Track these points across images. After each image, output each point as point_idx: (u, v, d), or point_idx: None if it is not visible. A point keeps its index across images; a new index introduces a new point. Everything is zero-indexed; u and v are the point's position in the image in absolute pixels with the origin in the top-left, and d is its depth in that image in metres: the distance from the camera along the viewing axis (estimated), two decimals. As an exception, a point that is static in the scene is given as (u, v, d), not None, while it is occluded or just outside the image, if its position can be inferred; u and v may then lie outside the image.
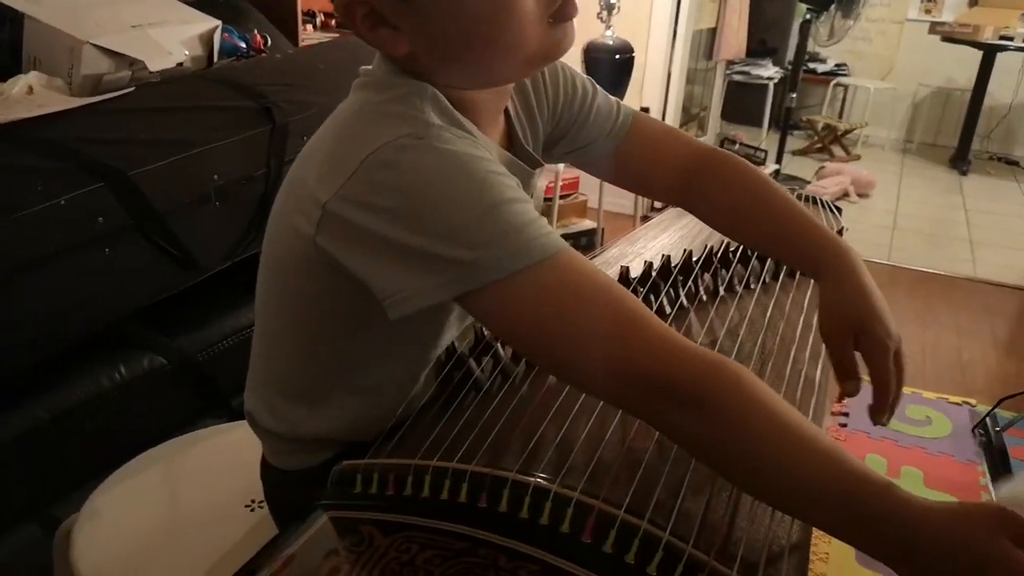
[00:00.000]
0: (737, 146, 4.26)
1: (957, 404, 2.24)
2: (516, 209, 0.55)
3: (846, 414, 2.17)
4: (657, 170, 0.84)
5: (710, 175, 0.82)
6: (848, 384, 0.69)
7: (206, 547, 0.89)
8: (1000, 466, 0.84)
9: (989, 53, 4.75)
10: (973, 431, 0.92)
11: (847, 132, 5.20)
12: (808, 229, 0.76)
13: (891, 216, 4.03)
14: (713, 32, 4.11)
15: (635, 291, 0.89)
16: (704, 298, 0.94)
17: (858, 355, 0.70)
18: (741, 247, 1.04)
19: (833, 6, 3.93)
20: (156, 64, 1.56)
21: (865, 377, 0.70)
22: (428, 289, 0.54)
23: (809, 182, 4.23)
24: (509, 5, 0.56)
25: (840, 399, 0.70)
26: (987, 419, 0.91)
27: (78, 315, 1.18)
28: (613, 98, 0.84)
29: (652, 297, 0.90)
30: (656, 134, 0.85)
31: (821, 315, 0.72)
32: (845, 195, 4.19)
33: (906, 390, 1.85)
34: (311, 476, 0.75)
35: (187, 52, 1.68)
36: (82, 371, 1.20)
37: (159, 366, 1.28)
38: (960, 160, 4.99)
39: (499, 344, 0.77)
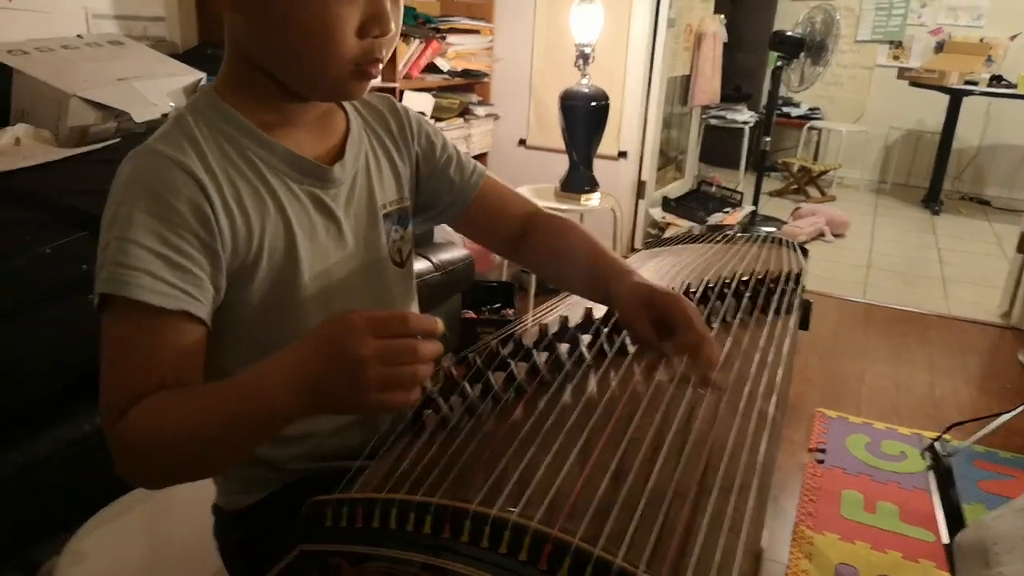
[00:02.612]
0: (714, 188, 4.35)
1: (931, 439, 2.28)
2: (135, 252, 0.64)
3: (823, 450, 2.20)
4: (501, 222, 0.95)
5: (539, 229, 0.94)
6: (652, 353, 0.79)
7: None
8: (946, 485, 0.88)
9: (955, 97, 4.91)
10: (923, 454, 0.95)
11: (822, 173, 5.32)
12: (598, 258, 0.88)
13: (866, 255, 4.12)
14: (687, 79, 4.24)
15: (597, 330, 0.93)
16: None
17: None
18: (715, 285, 1.09)
19: (803, 54, 4.06)
20: (141, 115, 1.61)
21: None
22: (95, 287, 0.66)
23: (785, 222, 4.32)
24: (326, 42, 0.67)
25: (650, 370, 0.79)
26: (935, 444, 0.95)
27: (62, 360, 1.20)
28: (470, 159, 0.95)
29: (615, 335, 0.94)
30: (504, 191, 0.96)
31: (618, 308, 0.83)
32: (821, 235, 4.28)
33: (881, 426, 1.88)
34: (249, 514, 0.81)
35: (172, 103, 1.73)
36: (63, 415, 1.22)
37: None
38: (932, 200, 5.11)
39: (466, 383, 0.80)
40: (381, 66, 0.73)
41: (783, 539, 1.73)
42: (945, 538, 0.80)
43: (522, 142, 3.60)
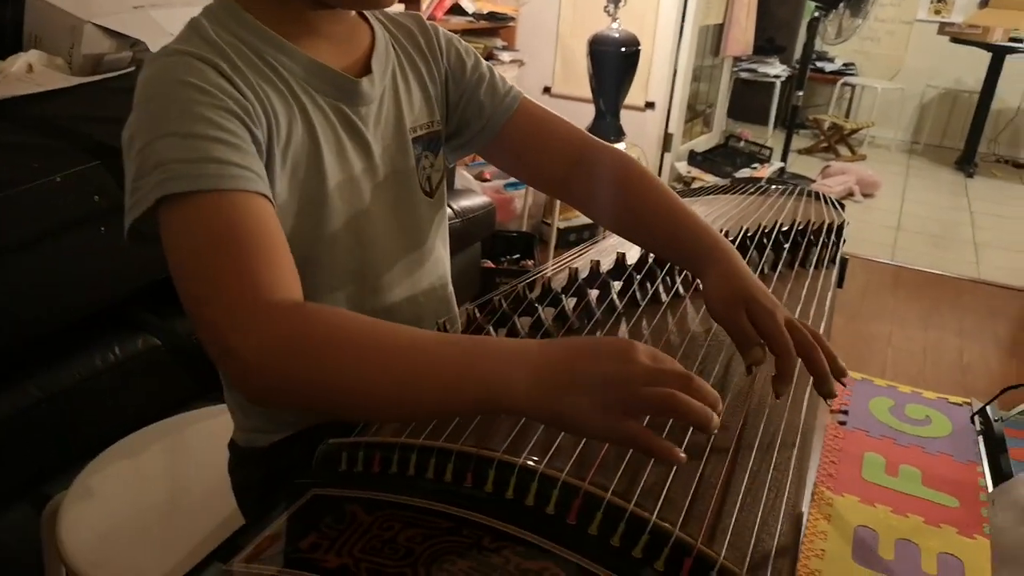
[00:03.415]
0: (742, 143, 4.24)
1: (957, 404, 2.23)
2: (190, 144, 0.57)
3: (845, 411, 2.16)
4: (542, 154, 0.84)
5: (600, 167, 0.83)
6: (751, 353, 0.68)
7: (191, 527, 0.89)
8: (998, 455, 0.83)
9: (998, 55, 4.73)
10: (972, 418, 0.91)
11: (853, 132, 5.18)
12: (692, 226, 0.78)
13: (896, 216, 4.02)
14: (720, 28, 4.09)
15: (630, 277, 0.88)
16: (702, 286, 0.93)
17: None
18: (754, 234, 1.04)
19: (841, 4, 3.90)
20: (157, 44, 1.55)
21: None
22: (131, 204, 0.58)
23: (814, 180, 4.22)
24: None
25: (748, 371, 0.69)
26: (987, 408, 0.90)
27: (73, 294, 1.17)
28: (508, 81, 0.85)
29: (648, 284, 0.89)
30: (544, 117, 0.85)
31: (709, 299, 0.72)
32: (850, 195, 4.17)
33: (906, 389, 1.84)
34: (271, 453, 0.77)
35: (189, 34, 1.67)
36: (76, 350, 1.20)
37: (153, 347, 1.27)
38: (966, 162, 4.97)
39: (490, 327, 0.76)
40: None
41: (803, 499, 1.70)
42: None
43: (547, 90, 3.51)
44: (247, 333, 0.52)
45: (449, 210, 2.06)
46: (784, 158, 4.16)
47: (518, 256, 2.70)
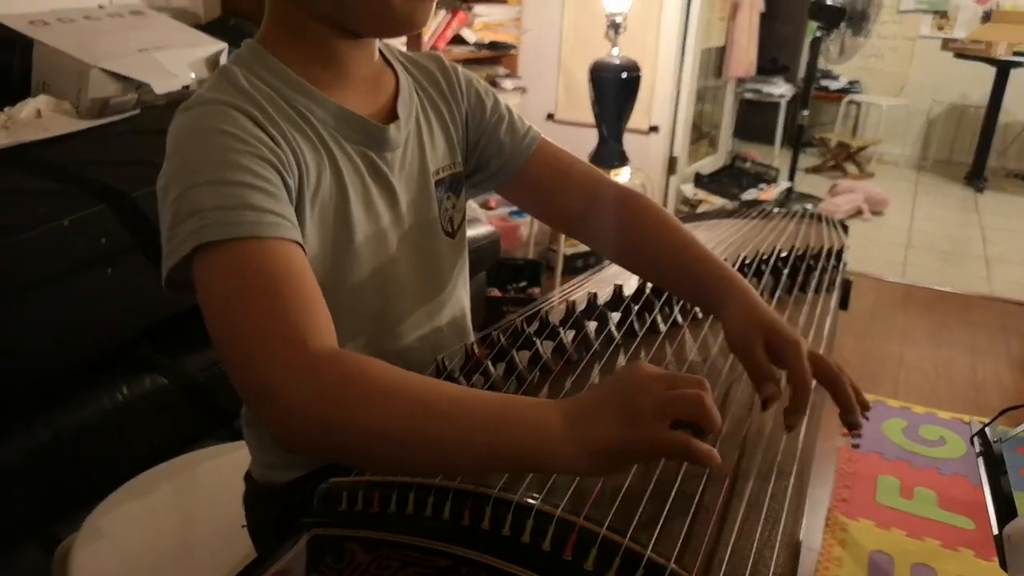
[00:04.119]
0: (748, 164, 4.25)
1: (976, 423, 2.20)
2: (226, 191, 0.57)
3: (859, 435, 2.14)
4: (560, 194, 0.85)
5: (613, 206, 0.84)
6: (766, 388, 0.67)
7: (203, 566, 0.89)
8: (997, 474, 0.82)
9: (1003, 69, 4.73)
10: (972, 440, 0.90)
11: (860, 149, 5.18)
12: (704, 261, 0.78)
13: (905, 233, 4.00)
14: (722, 50, 4.13)
15: (627, 308, 0.89)
16: (700, 315, 0.94)
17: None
18: (752, 261, 1.04)
19: (843, 24, 3.93)
20: (162, 87, 1.59)
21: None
22: (167, 252, 0.58)
23: (822, 199, 4.22)
24: None
25: (764, 407, 0.67)
26: (986, 429, 0.89)
27: (82, 334, 1.19)
28: (525, 120, 0.87)
29: (646, 314, 0.90)
30: (561, 157, 0.86)
31: (728, 332, 0.72)
32: (858, 212, 4.17)
33: (920, 410, 1.81)
34: (287, 491, 0.77)
35: (193, 74, 1.71)
36: (85, 390, 1.21)
37: (161, 386, 1.28)
38: (976, 177, 4.95)
39: (489, 362, 0.77)
40: None
41: (816, 525, 1.68)
42: (995, 528, 0.75)
43: (550, 116, 3.54)
44: (287, 379, 0.52)
45: (454, 240, 2.08)
46: (791, 177, 4.16)
47: (525, 284, 2.71)
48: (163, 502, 1.02)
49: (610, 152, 2.84)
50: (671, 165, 3.55)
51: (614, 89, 2.71)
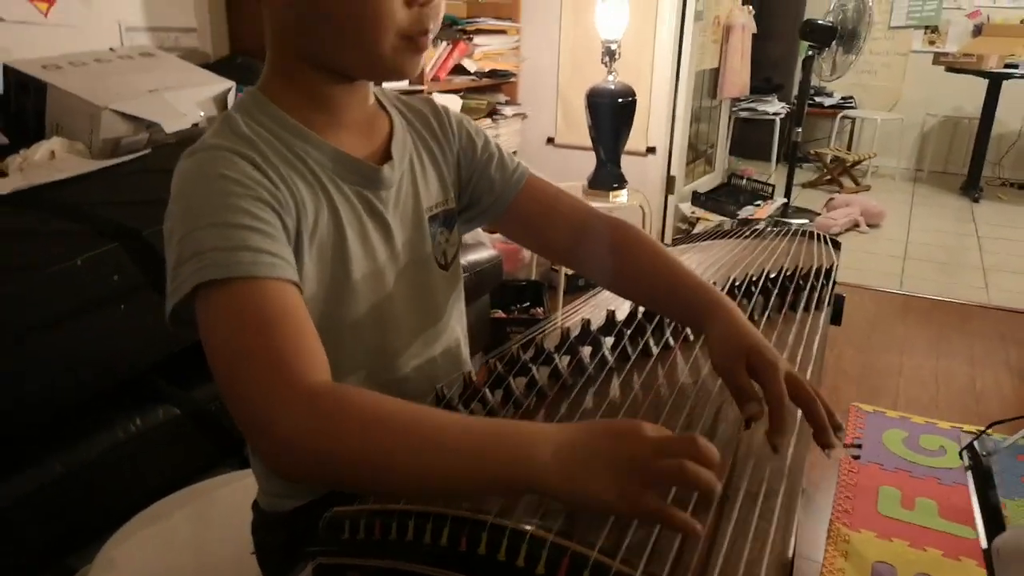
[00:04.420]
0: (744, 181, 4.29)
1: (972, 433, 2.22)
2: (226, 233, 0.61)
3: (859, 445, 2.16)
4: (549, 226, 0.90)
5: (602, 235, 0.88)
6: (749, 407, 0.70)
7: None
8: (985, 487, 0.85)
9: (995, 81, 4.78)
10: (961, 453, 0.93)
11: (856, 163, 5.22)
12: (691, 285, 0.82)
13: (902, 245, 4.03)
14: (716, 72, 4.18)
15: (620, 332, 0.92)
16: (691, 336, 0.97)
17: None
18: (742, 283, 1.07)
19: (834, 43, 3.98)
20: (172, 126, 1.64)
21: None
22: (171, 290, 0.61)
23: (819, 214, 4.25)
24: (375, 11, 0.66)
25: (747, 426, 0.71)
26: (975, 443, 0.92)
27: (96, 370, 1.23)
28: (514, 157, 0.91)
29: (639, 337, 0.93)
30: (550, 191, 0.91)
31: (712, 352, 0.76)
32: (855, 226, 4.20)
33: (919, 420, 1.81)
34: (292, 519, 0.80)
35: (202, 113, 1.76)
36: (98, 423, 1.24)
37: (173, 417, 1.32)
38: (971, 187, 4.99)
39: (487, 389, 0.80)
40: (431, 38, 0.71)
41: (818, 537, 1.70)
42: (984, 542, 0.77)
43: (550, 140, 3.59)
44: (282, 413, 0.55)
45: (456, 265, 2.12)
46: (787, 193, 4.20)
47: (528, 304, 2.74)
48: (175, 531, 1.04)
49: (608, 175, 2.88)
50: (669, 185, 3.59)
51: (610, 114, 2.76)
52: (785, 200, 4.16)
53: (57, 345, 1.17)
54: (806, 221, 3.98)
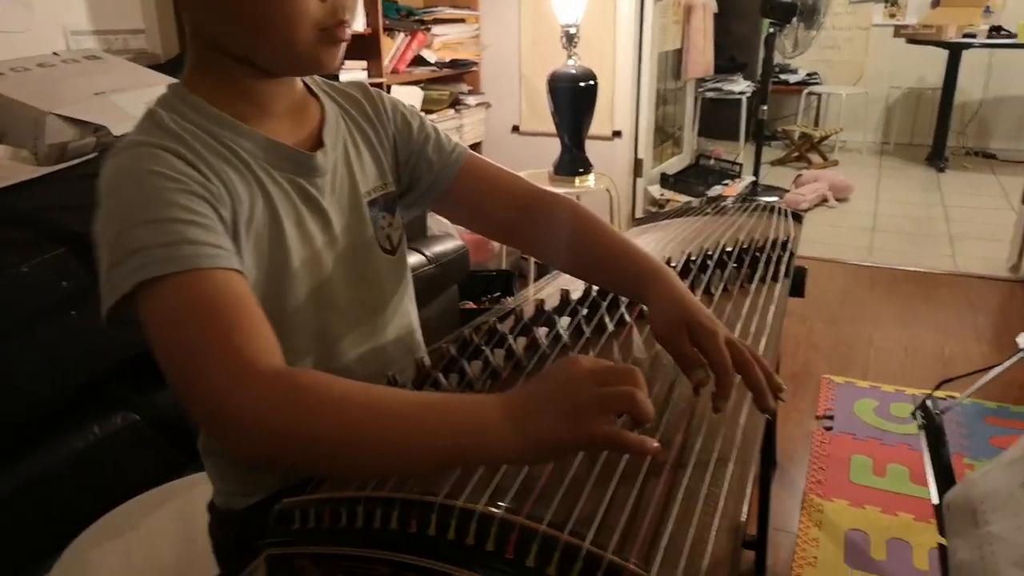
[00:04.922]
0: (712, 161, 4.31)
1: (941, 398, 2.25)
2: (163, 229, 0.60)
3: (831, 416, 2.18)
4: (490, 204, 0.90)
5: (543, 213, 0.88)
6: (695, 375, 0.71)
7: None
8: (937, 445, 0.86)
9: (955, 51, 4.83)
10: (914, 412, 0.94)
11: (823, 139, 5.26)
12: (630, 257, 0.83)
13: (871, 218, 4.07)
14: (679, 53, 4.19)
15: (575, 311, 0.92)
16: (647, 311, 0.96)
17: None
18: (697, 257, 1.08)
19: (795, 19, 4.00)
20: (120, 128, 1.60)
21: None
22: (106, 292, 0.60)
23: (788, 191, 4.28)
24: (288, 6, 0.65)
25: (695, 392, 0.71)
26: (927, 401, 0.93)
27: (50, 379, 1.20)
28: (453, 139, 0.91)
29: (594, 315, 0.93)
30: (489, 170, 0.91)
31: (653, 322, 0.77)
32: (824, 201, 4.23)
33: (889, 389, 1.83)
34: (246, 515, 0.79)
35: (151, 114, 1.72)
36: (56, 433, 1.22)
37: (133, 422, 1.29)
38: (937, 157, 5.05)
39: (441, 375, 0.79)
40: (349, 31, 0.70)
41: (792, 509, 1.71)
42: (935, 498, 0.78)
43: (515, 129, 3.57)
44: (236, 396, 0.55)
45: (422, 256, 2.10)
46: (756, 172, 4.22)
47: (499, 294, 2.73)
48: (135, 535, 1.03)
49: (573, 160, 2.87)
50: (637, 168, 3.60)
51: (571, 99, 2.75)
52: (754, 179, 4.19)
53: (9, 356, 1.14)
54: (776, 199, 4.00)
